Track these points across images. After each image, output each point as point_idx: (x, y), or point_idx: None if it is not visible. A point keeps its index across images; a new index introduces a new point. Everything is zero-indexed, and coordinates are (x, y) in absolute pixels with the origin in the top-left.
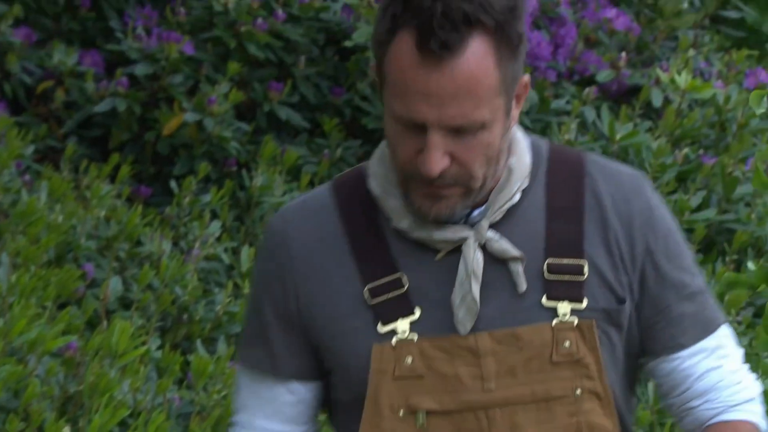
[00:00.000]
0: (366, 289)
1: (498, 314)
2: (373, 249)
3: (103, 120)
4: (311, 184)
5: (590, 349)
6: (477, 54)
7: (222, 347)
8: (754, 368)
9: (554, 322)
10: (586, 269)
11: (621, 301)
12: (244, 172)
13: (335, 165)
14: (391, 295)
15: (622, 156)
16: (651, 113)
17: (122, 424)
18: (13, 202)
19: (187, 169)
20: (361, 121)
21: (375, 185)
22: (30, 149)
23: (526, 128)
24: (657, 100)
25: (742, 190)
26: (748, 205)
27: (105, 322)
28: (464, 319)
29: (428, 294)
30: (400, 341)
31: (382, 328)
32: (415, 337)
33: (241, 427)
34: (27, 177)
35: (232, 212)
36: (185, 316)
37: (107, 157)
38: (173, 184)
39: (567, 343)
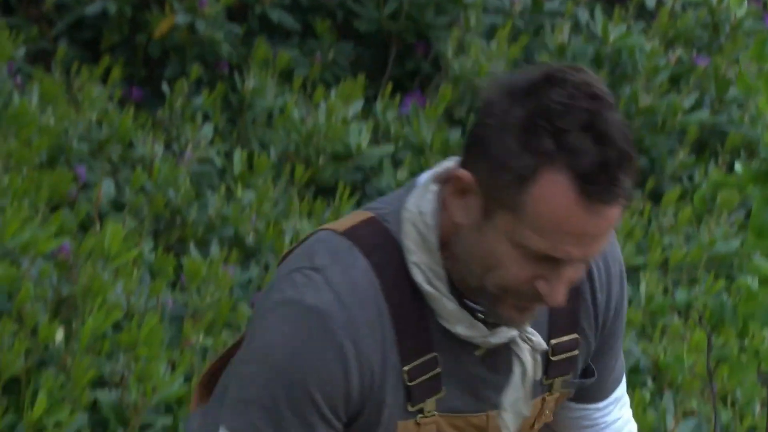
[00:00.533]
0: (405, 370)
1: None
2: (414, 330)
3: (94, 22)
4: (303, 87)
5: (553, 410)
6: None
7: (215, 250)
8: (744, 269)
9: (546, 395)
10: (579, 342)
11: (592, 374)
12: (236, 74)
13: (327, 68)
14: (426, 376)
15: (615, 58)
16: (644, 14)
17: (116, 326)
18: (4, 104)
19: (178, 72)
20: (353, 24)
21: (422, 280)
22: (21, 51)
23: (519, 31)
24: (650, 1)
25: (734, 91)
26: (740, 106)
27: (98, 225)
28: (511, 424)
29: (456, 375)
30: (423, 417)
31: (412, 408)
32: (436, 413)
33: None
34: (18, 79)
35: (224, 115)
36: (178, 219)
37: (99, 59)
38: (165, 86)
39: (547, 411)
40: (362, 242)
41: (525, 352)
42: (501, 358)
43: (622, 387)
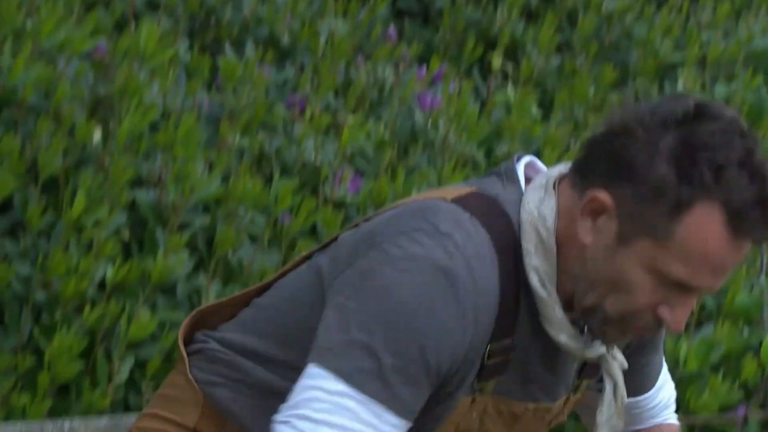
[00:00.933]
0: (489, 348)
1: (547, 388)
2: (509, 313)
3: None
4: None
5: (567, 410)
6: None
7: (250, 50)
8: None
9: (570, 395)
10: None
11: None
12: None
13: None
14: (501, 358)
15: None
16: None
17: (152, 126)
18: None
19: None
20: None
21: (537, 284)
22: None
23: None
24: None
25: None
26: None
27: (133, 25)
28: None
29: (520, 364)
30: (480, 396)
31: (477, 385)
32: (490, 394)
33: None
34: None
35: None
36: (213, 19)
37: None
38: None
39: (566, 411)
40: (479, 214)
41: (616, 369)
42: (560, 360)
43: (665, 369)
